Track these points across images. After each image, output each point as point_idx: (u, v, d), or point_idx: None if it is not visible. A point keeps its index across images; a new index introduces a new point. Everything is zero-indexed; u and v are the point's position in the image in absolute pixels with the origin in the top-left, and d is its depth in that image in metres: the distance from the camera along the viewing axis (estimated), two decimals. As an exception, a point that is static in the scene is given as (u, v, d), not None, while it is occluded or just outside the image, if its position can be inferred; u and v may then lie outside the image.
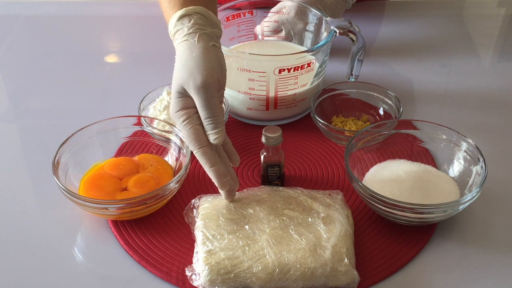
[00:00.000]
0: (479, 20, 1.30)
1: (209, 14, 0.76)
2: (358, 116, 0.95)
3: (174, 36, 0.76)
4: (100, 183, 0.79)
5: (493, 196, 0.81)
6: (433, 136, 0.83)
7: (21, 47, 1.20)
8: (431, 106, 1.00)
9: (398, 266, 0.72)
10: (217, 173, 0.72)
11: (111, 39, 1.26)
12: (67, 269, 0.72)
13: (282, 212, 0.73)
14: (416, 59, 1.13)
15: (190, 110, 0.72)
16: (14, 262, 0.73)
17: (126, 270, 0.72)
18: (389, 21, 1.26)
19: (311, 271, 0.66)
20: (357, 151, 0.82)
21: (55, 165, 0.76)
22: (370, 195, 0.72)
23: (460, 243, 0.75)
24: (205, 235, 0.70)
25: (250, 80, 0.89)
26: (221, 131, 0.71)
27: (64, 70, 1.11)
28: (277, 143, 0.78)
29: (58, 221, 0.79)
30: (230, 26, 1.00)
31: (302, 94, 0.92)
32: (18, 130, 0.99)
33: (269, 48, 1.03)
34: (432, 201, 0.75)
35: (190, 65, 0.71)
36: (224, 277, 0.66)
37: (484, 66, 1.14)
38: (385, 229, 0.76)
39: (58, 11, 1.32)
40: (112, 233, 0.77)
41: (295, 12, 1.00)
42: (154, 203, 0.75)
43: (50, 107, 1.02)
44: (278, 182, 0.81)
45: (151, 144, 0.87)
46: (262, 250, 0.68)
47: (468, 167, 0.79)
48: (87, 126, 0.83)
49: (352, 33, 0.92)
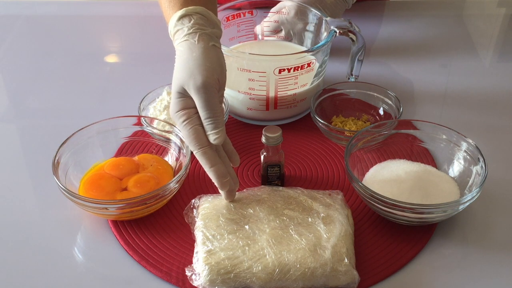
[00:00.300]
0: (479, 20, 1.30)
1: (209, 14, 0.76)
2: (358, 116, 0.94)
3: (174, 36, 0.76)
4: (100, 183, 0.79)
5: (493, 196, 0.81)
6: (433, 136, 0.83)
7: (21, 47, 1.20)
8: (431, 106, 1.00)
9: (398, 266, 0.72)
10: (217, 173, 0.72)
11: (111, 39, 1.26)
12: (67, 269, 0.72)
13: (282, 212, 0.73)
14: (416, 59, 1.13)
15: (190, 110, 0.72)
16: (14, 262, 0.73)
17: (126, 270, 0.72)
18: (389, 21, 1.26)
19: (311, 271, 0.66)
20: (357, 151, 0.82)
21: (55, 165, 0.76)
22: (370, 195, 0.72)
23: (460, 243, 0.75)
24: (205, 235, 0.70)
25: (250, 80, 0.89)
26: (221, 131, 0.71)
27: (64, 70, 1.11)
28: (277, 143, 0.78)
29: (58, 221, 0.79)
30: (230, 26, 1.00)
31: (302, 94, 0.92)
32: (18, 130, 0.99)
33: (269, 48, 1.03)
34: (432, 201, 0.75)
35: (190, 65, 0.71)
36: (224, 277, 0.66)
37: (484, 66, 1.14)
38: (385, 229, 0.76)
39: (58, 11, 1.32)
40: (112, 233, 0.77)
41: (295, 12, 1.00)
42: (154, 203, 0.75)
43: (50, 107, 1.02)
44: (278, 182, 0.81)
45: (151, 144, 0.87)
46: (262, 250, 0.68)
47: (468, 167, 0.79)
48: (87, 126, 0.83)
49: (352, 33, 0.92)
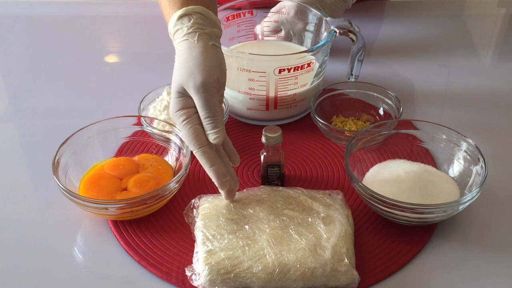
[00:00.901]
0: (479, 20, 1.30)
1: (209, 13, 0.76)
2: (358, 116, 0.94)
3: (174, 35, 0.76)
4: (100, 183, 0.79)
5: (493, 196, 0.81)
6: (433, 136, 0.83)
7: (21, 47, 1.20)
8: (431, 106, 1.00)
9: (398, 266, 0.72)
10: (217, 172, 0.71)
11: (111, 39, 1.26)
12: (67, 269, 0.72)
13: (282, 212, 0.73)
14: (416, 59, 1.13)
15: (189, 110, 0.72)
16: (14, 262, 0.73)
17: (126, 270, 0.72)
18: (389, 21, 1.26)
19: (311, 271, 0.66)
20: (357, 151, 0.82)
21: (55, 165, 0.76)
22: (370, 195, 0.72)
23: (460, 243, 0.75)
24: (205, 235, 0.70)
25: (250, 80, 0.88)
26: (220, 130, 0.71)
27: (64, 70, 1.11)
28: (277, 143, 0.78)
29: (58, 221, 0.79)
30: (230, 26, 1.00)
31: (302, 94, 0.92)
32: (18, 130, 0.99)
33: (269, 48, 1.03)
34: (432, 201, 0.75)
35: (190, 64, 0.71)
36: (224, 277, 0.66)
37: (484, 66, 1.14)
38: (385, 229, 0.76)
39: (58, 11, 1.31)
40: (112, 233, 0.77)
41: (294, 12, 1.00)
42: (154, 203, 0.75)
43: (50, 107, 1.02)
44: (278, 182, 0.81)
45: (151, 144, 0.87)
46: (262, 250, 0.68)
47: (468, 167, 0.79)
48: (87, 126, 0.83)
49: (352, 33, 0.92)
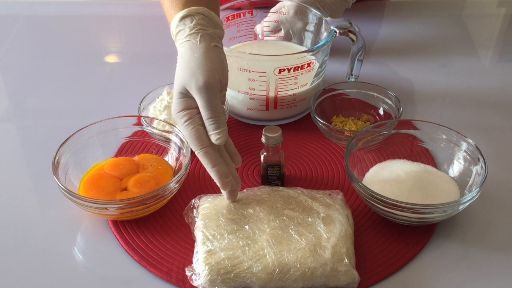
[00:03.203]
0: (479, 20, 1.30)
1: (211, 14, 0.76)
2: (358, 116, 0.95)
3: (176, 36, 0.76)
4: (100, 183, 0.79)
5: (493, 196, 0.81)
6: (433, 136, 0.83)
7: (21, 47, 1.20)
8: (431, 106, 1.00)
9: (398, 266, 0.72)
10: (219, 173, 0.71)
11: (111, 39, 1.26)
12: (67, 269, 0.72)
13: (282, 212, 0.73)
14: (416, 59, 1.13)
15: (192, 110, 0.72)
16: (14, 262, 0.73)
17: (126, 270, 0.72)
18: (389, 21, 1.26)
19: (311, 271, 0.66)
20: (357, 151, 0.82)
21: (55, 165, 0.76)
22: (370, 195, 0.72)
23: (460, 243, 0.75)
24: (205, 235, 0.70)
25: (250, 80, 0.89)
26: (223, 131, 0.71)
27: (64, 70, 1.11)
28: (277, 143, 0.78)
29: (58, 221, 0.79)
30: (230, 26, 1.00)
31: (302, 94, 0.92)
32: (18, 130, 0.99)
33: (269, 48, 1.03)
34: (432, 201, 0.75)
35: (192, 65, 0.71)
36: (224, 277, 0.66)
37: (484, 66, 1.14)
38: (385, 229, 0.76)
39: (58, 11, 1.32)
40: (112, 233, 0.77)
41: (294, 12, 1.00)
42: (154, 203, 0.75)
43: (50, 107, 1.02)
44: (278, 182, 0.81)
45: (151, 144, 0.87)
46: (262, 250, 0.68)
47: (468, 167, 0.79)
48: (87, 126, 0.83)
49: (352, 33, 0.92)
